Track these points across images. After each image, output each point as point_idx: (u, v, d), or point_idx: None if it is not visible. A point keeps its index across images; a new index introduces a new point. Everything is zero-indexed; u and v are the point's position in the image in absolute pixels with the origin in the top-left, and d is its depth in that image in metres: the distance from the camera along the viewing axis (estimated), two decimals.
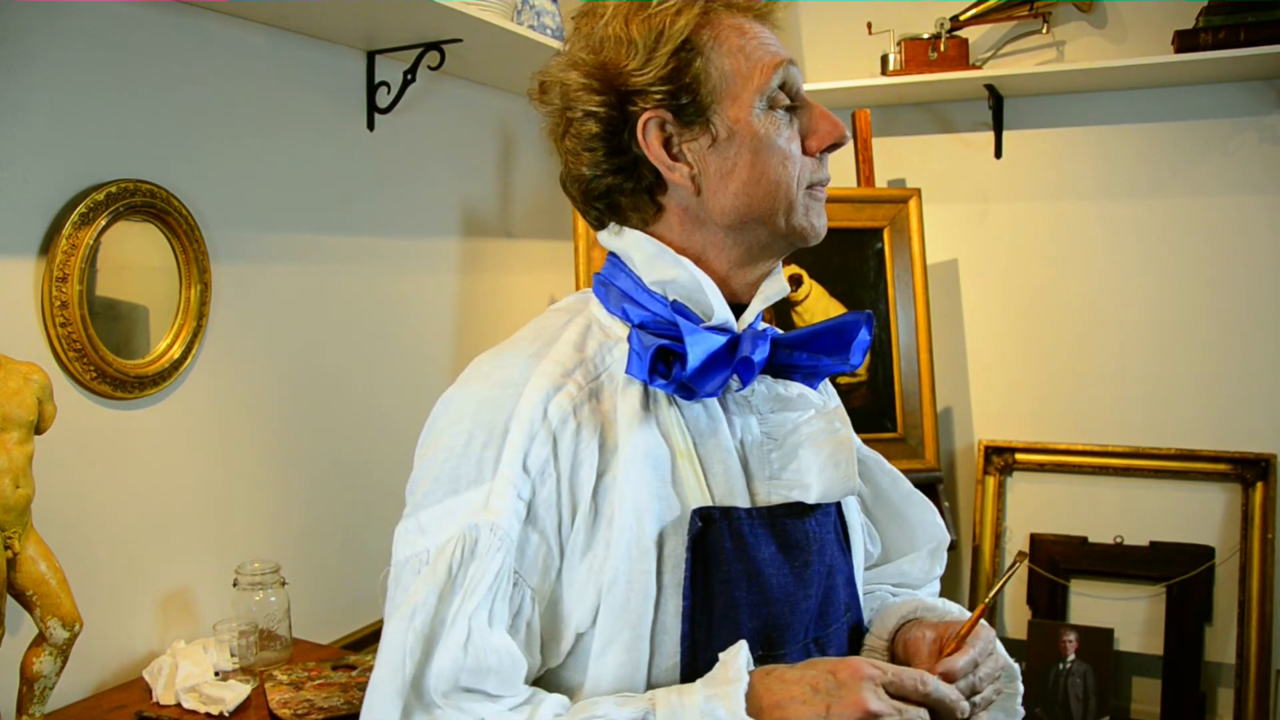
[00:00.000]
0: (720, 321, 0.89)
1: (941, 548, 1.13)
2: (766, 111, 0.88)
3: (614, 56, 0.87)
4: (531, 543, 0.82)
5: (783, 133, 0.89)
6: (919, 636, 0.94)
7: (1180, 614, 2.59)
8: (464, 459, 0.83)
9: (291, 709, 1.47)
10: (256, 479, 1.85)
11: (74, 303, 1.48)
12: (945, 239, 2.82)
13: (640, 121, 0.87)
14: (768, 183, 0.88)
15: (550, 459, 0.82)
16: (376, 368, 2.15)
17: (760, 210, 0.89)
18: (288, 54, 1.89)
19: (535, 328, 0.95)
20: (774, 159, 0.88)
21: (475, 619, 0.79)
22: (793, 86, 0.91)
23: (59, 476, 1.48)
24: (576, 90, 0.89)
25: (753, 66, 0.88)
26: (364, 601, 2.07)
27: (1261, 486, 2.55)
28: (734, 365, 0.86)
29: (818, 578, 0.91)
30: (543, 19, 2.20)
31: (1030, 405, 2.78)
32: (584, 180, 0.92)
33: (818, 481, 0.90)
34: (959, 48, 2.62)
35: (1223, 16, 2.34)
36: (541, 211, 2.73)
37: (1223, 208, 2.58)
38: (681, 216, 0.91)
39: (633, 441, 0.84)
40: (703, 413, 0.90)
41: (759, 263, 0.93)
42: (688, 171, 0.88)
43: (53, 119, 1.48)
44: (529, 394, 0.84)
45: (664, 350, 0.85)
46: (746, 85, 0.88)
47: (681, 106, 0.87)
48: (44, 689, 1.33)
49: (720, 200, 0.89)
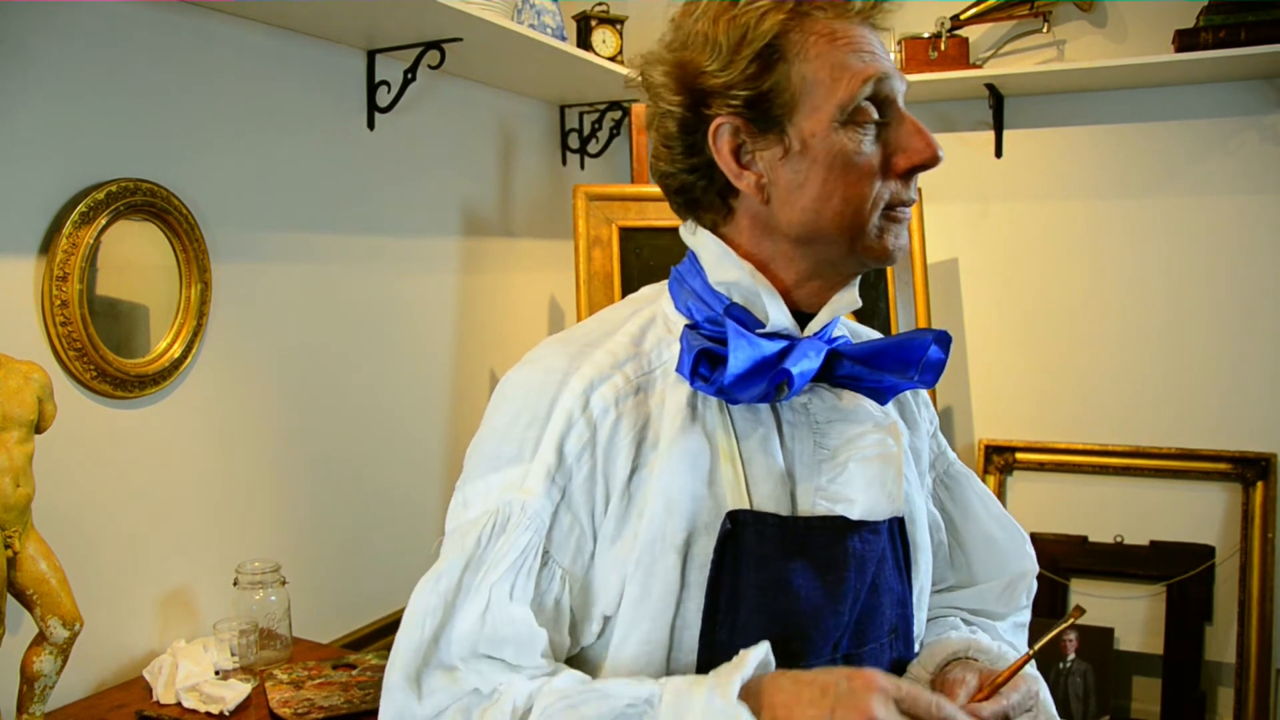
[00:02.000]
0: (778, 328, 0.88)
1: (1024, 579, 1.07)
2: (848, 126, 0.84)
3: (695, 56, 0.85)
4: (564, 524, 0.84)
5: (864, 150, 0.84)
6: (958, 679, 0.91)
7: (1180, 613, 2.59)
8: (507, 438, 0.86)
9: (292, 708, 1.47)
10: (257, 478, 1.85)
11: (74, 302, 1.48)
12: (945, 238, 2.82)
13: (713, 125, 0.86)
14: (839, 201, 0.85)
15: (588, 446, 0.84)
16: (377, 367, 2.15)
17: (829, 228, 0.86)
18: (288, 53, 1.89)
19: (601, 317, 0.95)
20: (848, 178, 0.84)
21: (496, 590, 0.81)
22: (886, 99, 0.86)
23: (59, 475, 1.48)
24: (658, 87, 0.88)
25: (839, 77, 0.83)
26: (364, 601, 2.07)
27: (1262, 486, 2.54)
28: (772, 376, 0.84)
29: (852, 594, 0.88)
30: (543, 18, 2.20)
31: (1030, 404, 2.78)
32: (663, 175, 0.92)
33: (863, 498, 0.88)
34: (959, 47, 2.62)
35: (1223, 16, 2.34)
36: (542, 211, 2.73)
37: (1223, 207, 2.58)
38: (751, 223, 0.89)
39: (673, 438, 0.85)
40: (752, 417, 0.88)
41: (828, 278, 0.90)
42: (756, 180, 0.86)
43: (53, 118, 1.48)
44: (574, 383, 0.86)
45: (711, 352, 0.84)
46: (830, 97, 0.83)
47: (758, 113, 0.84)
48: (44, 688, 1.33)
49: (788, 213, 0.86)
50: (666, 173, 0.91)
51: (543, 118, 2.74)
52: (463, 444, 0.98)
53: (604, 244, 2.35)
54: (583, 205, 2.35)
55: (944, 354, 0.89)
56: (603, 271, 2.34)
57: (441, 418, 2.35)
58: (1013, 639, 1.07)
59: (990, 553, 1.07)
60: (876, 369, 0.89)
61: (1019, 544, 1.07)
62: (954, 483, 1.08)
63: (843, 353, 0.90)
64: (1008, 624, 1.07)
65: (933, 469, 1.07)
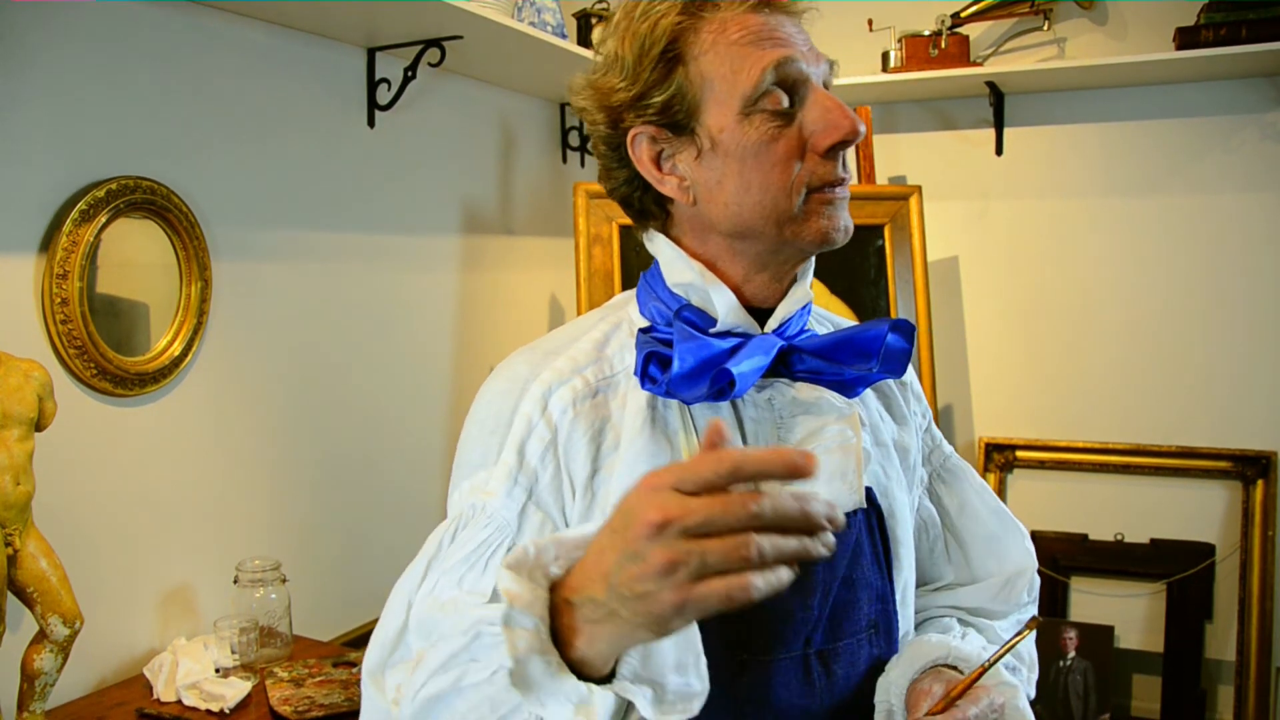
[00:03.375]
0: (731, 326, 0.88)
1: (1024, 575, 1.04)
2: (754, 116, 0.83)
3: (605, 78, 0.88)
4: (534, 522, 0.85)
5: (775, 137, 0.83)
6: (925, 689, 0.88)
7: (1180, 611, 2.59)
8: (476, 446, 0.89)
9: (292, 706, 1.47)
10: (257, 476, 1.85)
11: (74, 300, 1.47)
12: (946, 236, 2.82)
13: (629, 137, 0.87)
14: (757, 192, 0.84)
15: (550, 447, 0.86)
16: (377, 364, 2.15)
17: (754, 220, 0.85)
18: (288, 51, 1.89)
19: (570, 325, 0.97)
20: (762, 168, 0.83)
21: (445, 579, 0.83)
22: (795, 81, 0.84)
23: (59, 473, 1.48)
24: (582, 111, 0.91)
25: (739, 68, 0.83)
26: (364, 598, 2.07)
27: (1262, 484, 2.55)
28: (714, 375, 0.82)
29: (821, 588, 0.88)
30: (543, 16, 2.20)
31: (1031, 402, 2.78)
32: (609, 190, 0.94)
33: (825, 490, 0.87)
34: (960, 45, 2.62)
35: (1224, 13, 2.34)
36: (542, 209, 2.73)
37: (1223, 205, 2.57)
38: (690, 225, 0.90)
39: (632, 439, 0.86)
40: (710, 413, 0.89)
41: (774, 269, 0.89)
42: (678, 183, 0.87)
43: (53, 116, 1.48)
44: (534, 388, 0.88)
45: (660, 355, 0.85)
46: (732, 90, 0.83)
47: (668, 118, 0.85)
48: (45, 686, 1.33)
49: (714, 211, 0.87)
50: (610, 188, 0.94)
51: (543, 115, 2.74)
52: None
53: (604, 242, 2.35)
54: (583, 203, 2.35)
55: (906, 343, 0.87)
56: (603, 269, 2.33)
57: (442, 416, 2.35)
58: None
59: (988, 547, 1.05)
60: (835, 361, 0.87)
61: (1018, 539, 1.05)
62: (951, 476, 1.07)
63: (798, 347, 0.89)
64: (1009, 622, 1.05)
65: (927, 463, 1.06)
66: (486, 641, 0.69)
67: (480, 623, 0.69)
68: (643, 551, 0.61)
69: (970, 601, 1.05)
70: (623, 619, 0.64)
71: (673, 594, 0.60)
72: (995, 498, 1.07)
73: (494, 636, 0.67)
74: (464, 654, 0.71)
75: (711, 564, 0.59)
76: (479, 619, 0.70)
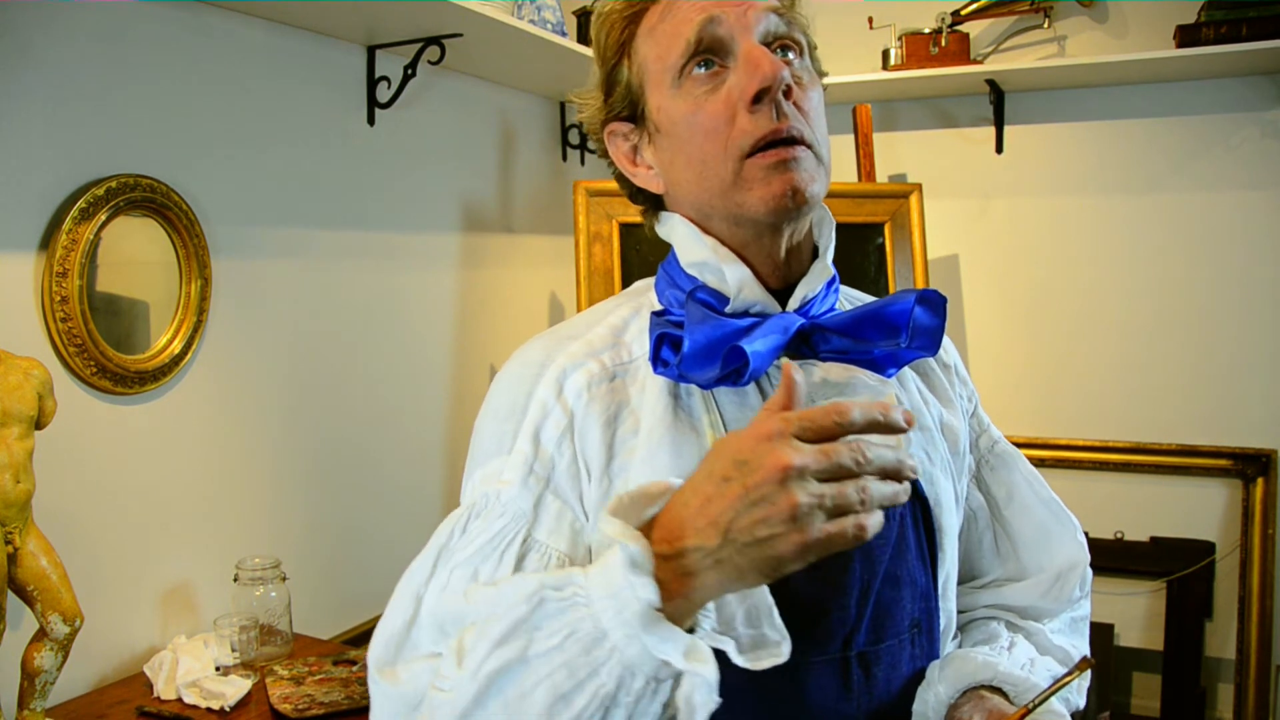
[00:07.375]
0: (747, 305, 0.85)
1: (1076, 569, 0.98)
2: (683, 89, 0.82)
3: (586, 90, 0.93)
4: (552, 510, 0.82)
5: (702, 104, 0.81)
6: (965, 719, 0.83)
7: (1180, 609, 2.59)
8: (490, 434, 0.87)
9: (292, 704, 1.47)
10: (257, 474, 1.85)
11: (74, 298, 1.47)
12: (946, 234, 2.82)
13: (605, 136, 0.91)
14: (697, 164, 0.83)
15: (567, 432, 0.84)
16: (377, 362, 2.15)
17: (704, 196, 0.84)
18: (288, 49, 1.89)
19: (590, 311, 0.96)
20: (695, 138, 0.82)
21: (457, 572, 0.80)
22: (718, 43, 0.81)
23: (59, 472, 1.48)
24: (582, 124, 0.96)
25: (667, 43, 0.83)
26: (365, 596, 2.07)
27: (1262, 482, 2.54)
28: (726, 355, 0.79)
29: (858, 586, 0.83)
30: (543, 13, 2.19)
31: (1031, 400, 2.78)
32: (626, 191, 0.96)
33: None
34: (960, 42, 2.62)
35: (1224, 11, 2.34)
36: (542, 206, 2.72)
37: (1224, 203, 2.57)
38: (683, 211, 0.90)
39: (653, 426, 0.83)
40: (739, 401, 0.85)
41: (756, 246, 0.85)
42: (648, 174, 0.89)
43: (53, 114, 1.48)
44: (549, 373, 0.86)
45: (672, 336, 0.83)
46: (662, 68, 0.84)
47: (631, 111, 0.89)
48: (45, 684, 1.33)
49: (679, 191, 0.87)
50: (625, 193, 0.96)
51: (543, 113, 2.73)
52: (463, 439, 0.99)
53: (604, 240, 2.35)
54: (583, 201, 2.35)
55: (935, 318, 0.82)
56: (603, 267, 2.33)
57: (442, 413, 2.35)
58: (1069, 640, 0.98)
59: (1039, 541, 0.99)
60: (861, 339, 0.83)
61: (1070, 531, 0.99)
62: (999, 463, 1.01)
63: (821, 325, 0.85)
64: (1061, 621, 0.99)
65: (974, 449, 1.01)
66: (550, 609, 0.68)
67: (544, 588, 0.69)
68: (771, 495, 0.63)
69: (1019, 600, 0.99)
70: (733, 565, 0.65)
71: (799, 535, 0.63)
72: (1046, 487, 1.02)
73: (560, 602, 0.68)
74: (526, 624, 0.69)
75: (832, 507, 0.63)
76: (541, 584, 0.69)
